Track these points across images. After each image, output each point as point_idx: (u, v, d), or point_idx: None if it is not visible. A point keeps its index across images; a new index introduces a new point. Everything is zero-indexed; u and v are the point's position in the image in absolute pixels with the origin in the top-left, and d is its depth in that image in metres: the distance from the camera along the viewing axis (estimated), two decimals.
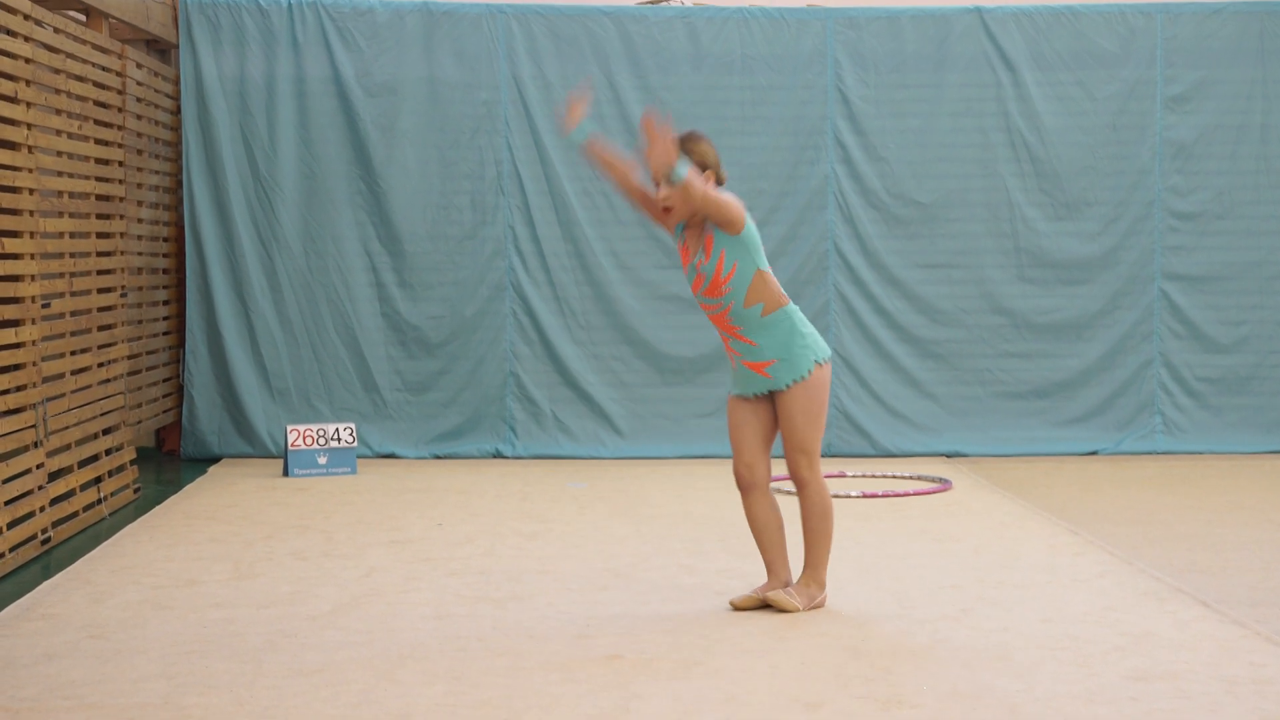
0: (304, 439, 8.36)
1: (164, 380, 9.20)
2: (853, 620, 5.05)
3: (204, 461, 9.05)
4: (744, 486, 5.27)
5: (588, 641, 4.77)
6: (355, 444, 8.51)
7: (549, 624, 5.00)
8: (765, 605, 5.16)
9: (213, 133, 9.10)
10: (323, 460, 8.40)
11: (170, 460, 9.23)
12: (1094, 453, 9.27)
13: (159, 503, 7.51)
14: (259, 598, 5.40)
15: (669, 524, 6.91)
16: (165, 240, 9.29)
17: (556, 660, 4.55)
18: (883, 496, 7.63)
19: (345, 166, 9.17)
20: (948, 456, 9.21)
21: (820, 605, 5.18)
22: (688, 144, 5.15)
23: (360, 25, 9.14)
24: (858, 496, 7.62)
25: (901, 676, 4.38)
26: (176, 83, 9.28)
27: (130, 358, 8.32)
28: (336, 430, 8.45)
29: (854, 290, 9.31)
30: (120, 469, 7.63)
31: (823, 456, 9.18)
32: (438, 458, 9.16)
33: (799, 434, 5.12)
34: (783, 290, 5.28)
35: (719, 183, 5.21)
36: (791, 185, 9.29)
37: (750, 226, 5.18)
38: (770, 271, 5.24)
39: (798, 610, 5.10)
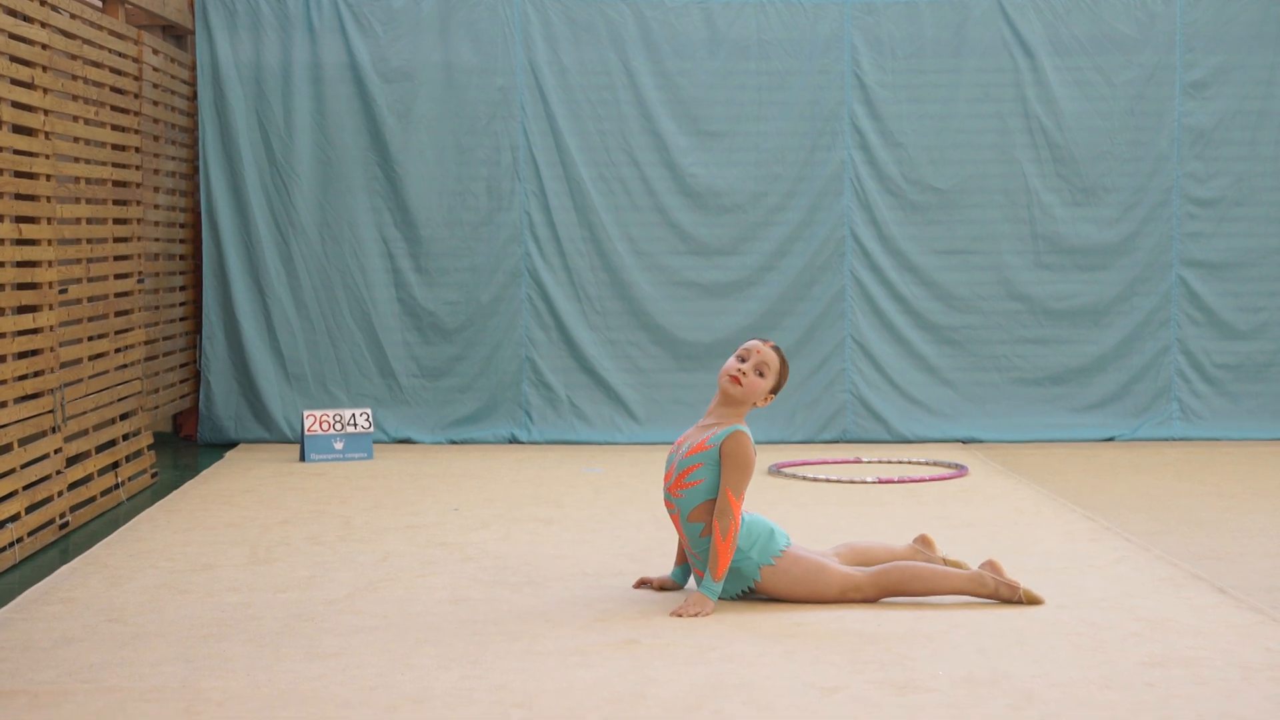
0: (320, 424, 8.38)
1: (180, 366, 9.23)
2: (867, 605, 5.04)
3: (220, 447, 9.07)
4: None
5: (604, 626, 4.77)
6: (371, 429, 8.52)
7: (565, 609, 5.01)
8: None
9: (229, 119, 9.11)
10: (339, 445, 8.42)
11: (187, 445, 9.26)
12: (1111, 439, 9.25)
13: (176, 487, 7.53)
14: (276, 582, 5.42)
15: None
16: (182, 226, 9.31)
17: (572, 645, 4.56)
18: (898, 482, 7.62)
19: (361, 152, 9.18)
20: (964, 442, 9.20)
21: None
22: (786, 367, 5.23)
23: (376, 10, 9.14)
24: (873, 482, 7.61)
25: (917, 662, 4.37)
26: (193, 69, 9.29)
27: (147, 343, 8.34)
28: (353, 416, 8.46)
29: (870, 276, 9.29)
30: (137, 454, 7.66)
31: (839, 442, 9.22)
32: (454, 443, 9.17)
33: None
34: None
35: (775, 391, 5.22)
36: (808, 171, 9.28)
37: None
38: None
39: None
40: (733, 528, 4.97)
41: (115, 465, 7.31)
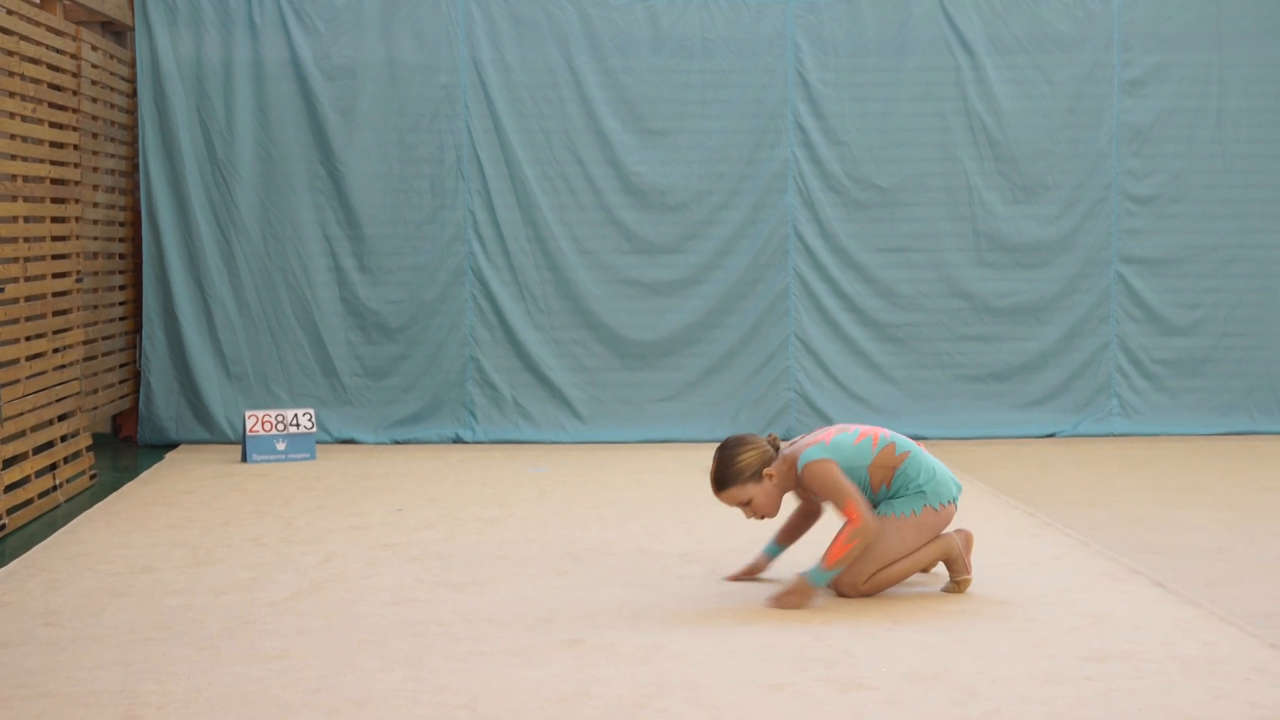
0: (262, 425, 8.32)
1: (120, 366, 9.14)
2: (812, 603, 5.06)
3: (161, 448, 8.99)
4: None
5: (548, 626, 4.77)
6: (314, 429, 8.47)
7: (509, 609, 5.00)
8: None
9: (169, 116, 9.03)
10: (281, 446, 8.37)
11: (127, 446, 9.17)
12: (1052, 435, 9.33)
13: (115, 489, 7.46)
14: (217, 584, 5.38)
15: (629, 508, 6.92)
16: (121, 225, 9.22)
17: (517, 645, 4.55)
18: None
19: (303, 150, 9.12)
20: (913, 438, 9.23)
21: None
22: (732, 467, 5.12)
23: (318, 8, 9.08)
24: None
25: (860, 658, 4.40)
26: (132, 65, 9.20)
27: (86, 343, 8.26)
28: (295, 416, 8.41)
29: (814, 274, 9.32)
30: (76, 455, 7.58)
31: (783, 439, 9.22)
32: (397, 443, 9.14)
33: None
34: (895, 472, 5.19)
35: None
36: (751, 169, 9.30)
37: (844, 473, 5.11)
38: (882, 452, 5.16)
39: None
40: (849, 529, 4.99)
41: (53, 467, 7.23)
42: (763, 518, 5.19)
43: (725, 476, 5.11)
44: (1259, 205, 9.43)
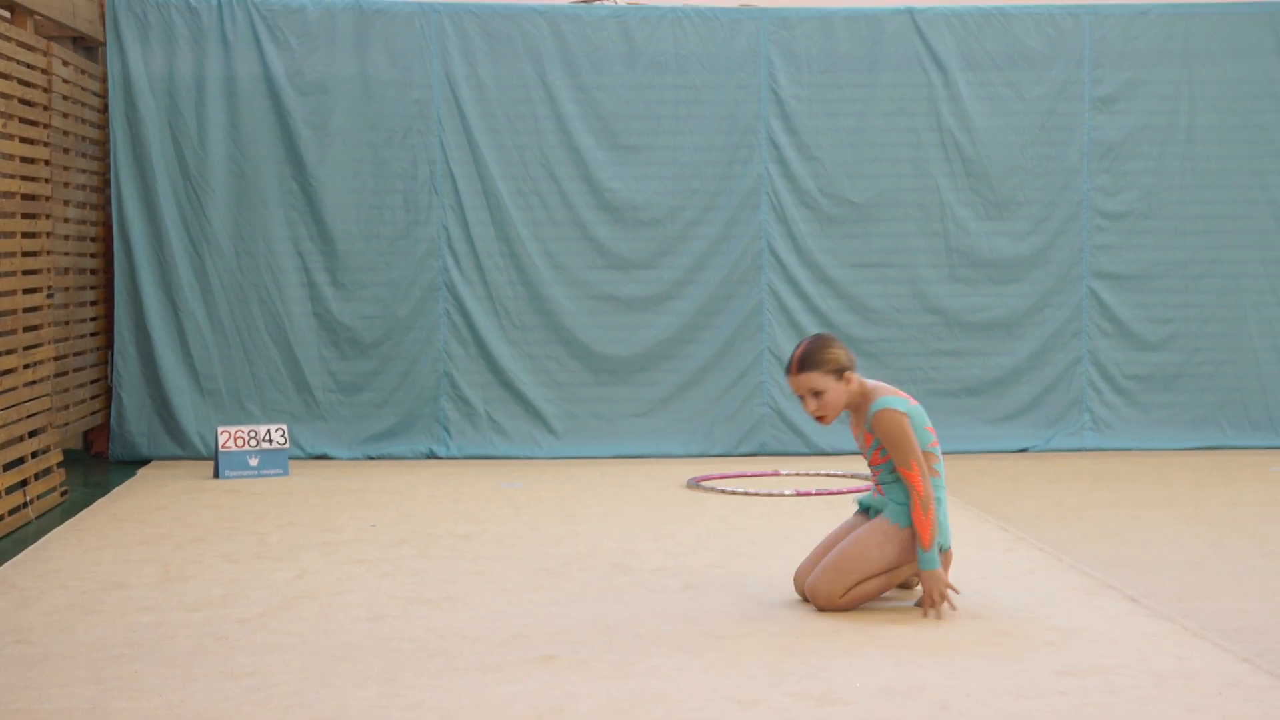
0: (235, 440, 8.29)
1: (91, 382, 9.09)
2: (787, 618, 5.07)
3: (133, 464, 8.95)
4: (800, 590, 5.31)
5: (522, 642, 4.76)
6: (287, 445, 8.44)
7: (483, 625, 4.98)
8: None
9: (141, 131, 9.00)
10: (254, 462, 8.33)
11: (98, 462, 9.12)
12: (1025, 450, 9.36)
13: (86, 506, 7.42)
14: (189, 601, 5.35)
15: (603, 524, 6.91)
16: (93, 240, 9.18)
17: (491, 661, 4.54)
18: (816, 495, 7.66)
19: (276, 165, 9.10)
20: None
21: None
22: (823, 353, 5.19)
23: (291, 23, 9.07)
24: (791, 495, 7.65)
25: (835, 674, 4.40)
26: (104, 81, 9.17)
27: (57, 359, 8.21)
28: (268, 431, 8.38)
29: (787, 289, 9.34)
30: (47, 472, 7.53)
31: (757, 455, 9.26)
32: (371, 459, 9.11)
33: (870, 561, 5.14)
34: (937, 468, 5.19)
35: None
36: (725, 185, 9.32)
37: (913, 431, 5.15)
38: (931, 451, 5.17)
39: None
40: (917, 500, 5.01)
41: (23, 483, 7.18)
42: (821, 418, 5.17)
43: (813, 360, 5.17)
44: (1229, 221, 9.49)
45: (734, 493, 7.77)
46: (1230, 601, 5.31)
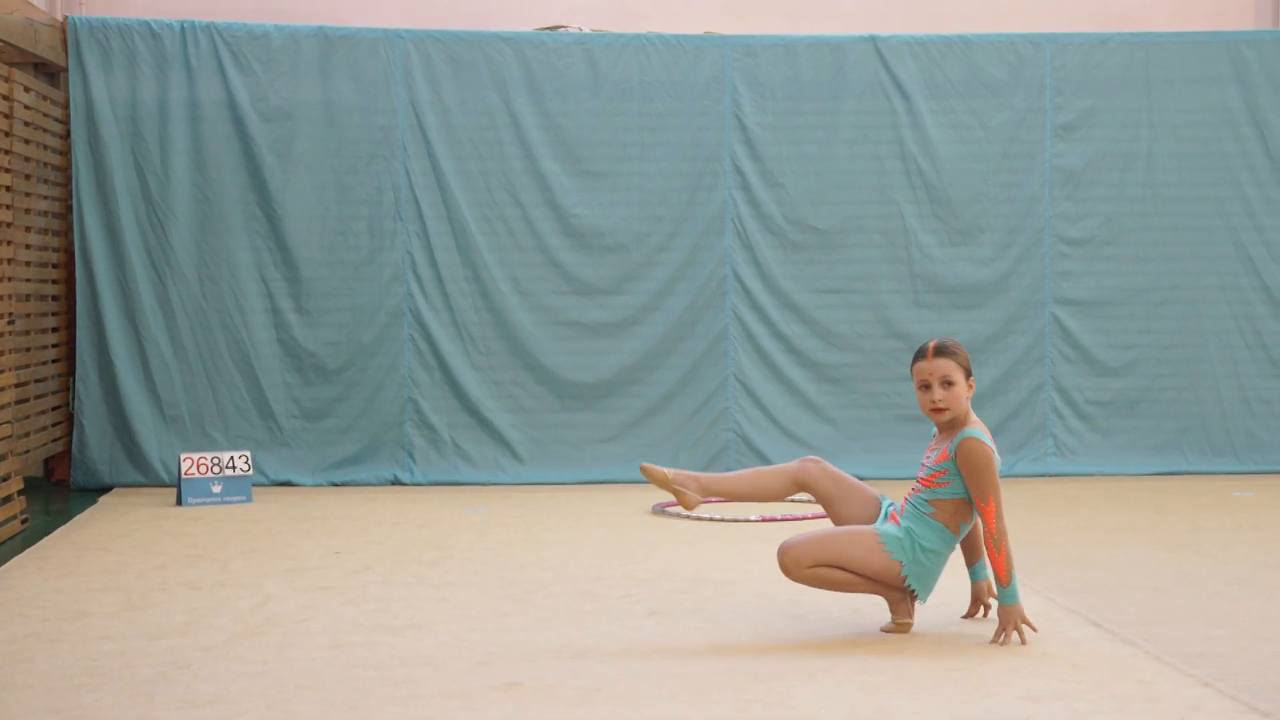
0: (198, 467, 8.24)
1: (53, 409, 9.03)
2: (753, 644, 5.06)
3: (94, 491, 8.88)
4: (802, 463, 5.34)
5: (487, 669, 4.74)
6: (250, 472, 8.40)
7: (448, 652, 4.96)
8: None
9: (104, 157, 8.96)
10: (217, 489, 8.29)
11: (59, 490, 9.05)
12: None
13: (47, 533, 7.36)
14: (151, 629, 5.31)
15: (569, 550, 6.90)
16: (54, 266, 9.12)
17: (456, 688, 4.52)
18: (781, 520, 7.67)
19: (240, 191, 9.08)
20: None
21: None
22: (959, 348, 5.16)
23: (255, 49, 9.06)
24: (756, 520, 7.65)
25: (800, 700, 4.39)
26: (66, 107, 9.14)
27: (18, 385, 8.15)
28: (231, 458, 8.34)
29: (752, 315, 9.37)
30: (7, 499, 7.47)
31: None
32: (335, 485, 9.07)
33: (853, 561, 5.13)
34: (961, 528, 5.17)
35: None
36: (690, 211, 9.35)
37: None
38: (975, 508, 5.13)
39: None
40: (989, 538, 5.01)
41: None
42: (941, 411, 5.08)
43: (952, 349, 5.12)
44: (1189, 248, 9.57)
45: (699, 518, 7.77)
46: (1193, 626, 5.34)
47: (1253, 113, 9.54)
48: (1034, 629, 5.10)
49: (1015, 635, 5.03)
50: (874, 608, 5.56)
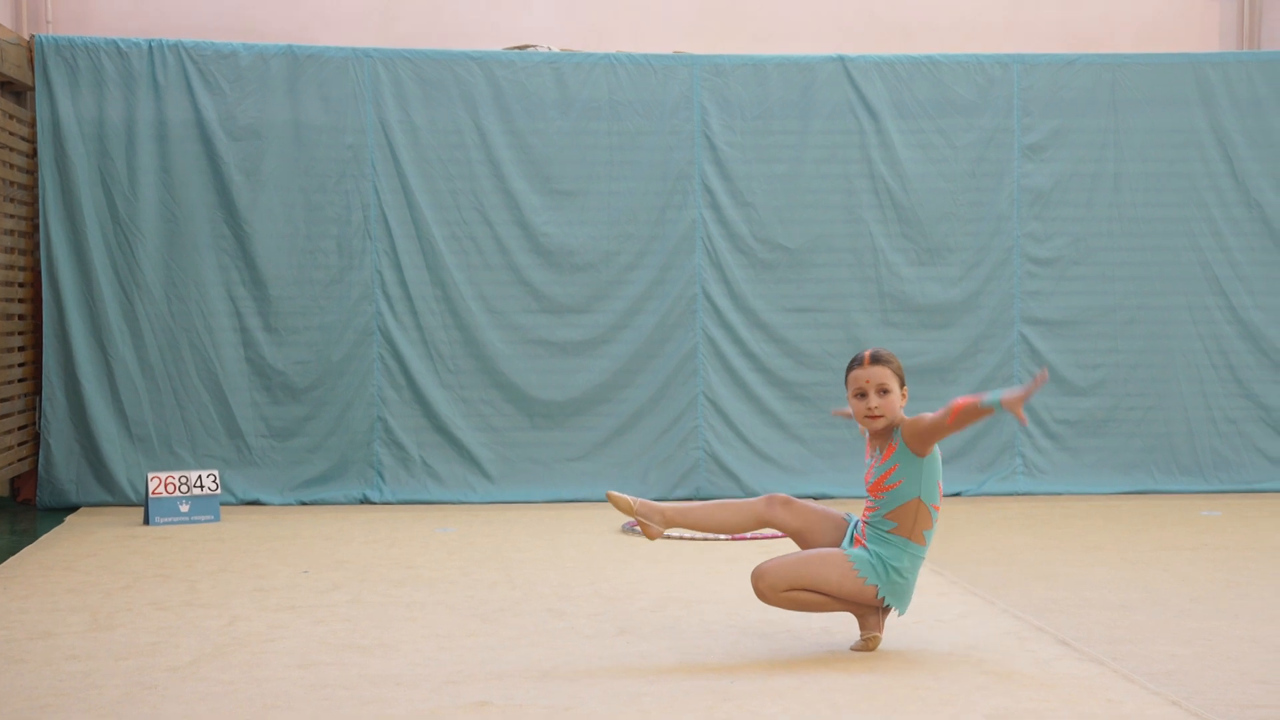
0: (165, 486, 8.20)
1: (19, 428, 8.97)
2: (722, 663, 5.06)
3: (61, 510, 8.83)
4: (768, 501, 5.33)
5: (456, 689, 4.72)
6: (219, 491, 8.36)
7: (417, 671, 4.95)
8: None
9: (70, 176, 8.93)
10: (185, 508, 8.25)
11: (25, 510, 8.99)
12: (957, 494, 9.42)
13: (13, 553, 7.30)
14: (117, 649, 5.27)
15: (538, 569, 6.88)
16: (21, 285, 9.08)
17: (424, 708, 4.50)
18: (751, 538, 7.67)
19: (208, 210, 9.05)
20: (815, 498, 9.30)
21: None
22: (893, 358, 5.20)
23: (223, 68, 9.04)
24: (726, 539, 7.65)
25: (770, 718, 4.39)
26: (32, 125, 9.10)
27: None
28: (199, 477, 8.30)
29: (721, 334, 9.38)
30: None
31: (692, 499, 9.27)
32: (304, 504, 9.04)
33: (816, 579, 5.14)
34: (925, 535, 5.15)
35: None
36: (659, 230, 9.36)
37: (934, 458, 5.13)
38: (932, 509, 5.12)
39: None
40: (956, 425, 4.96)
41: None
42: (876, 417, 5.11)
43: (887, 357, 5.16)
44: (1156, 268, 9.63)
45: (669, 537, 7.76)
46: (1160, 645, 5.36)
47: (1218, 134, 9.62)
48: (1039, 380, 4.92)
49: (1024, 401, 4.86)
50: (844, 626, 5.56)
